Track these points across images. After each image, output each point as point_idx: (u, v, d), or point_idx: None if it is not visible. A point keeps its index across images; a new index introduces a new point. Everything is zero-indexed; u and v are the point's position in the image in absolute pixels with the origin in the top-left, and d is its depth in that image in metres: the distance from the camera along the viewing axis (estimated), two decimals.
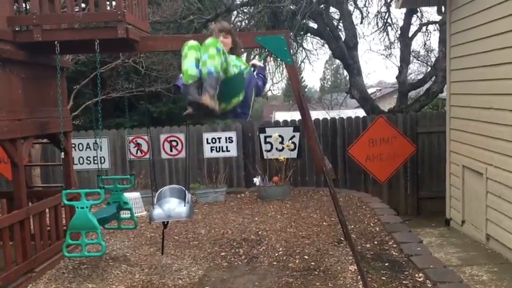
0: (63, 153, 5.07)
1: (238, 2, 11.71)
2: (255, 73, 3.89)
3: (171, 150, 9.24)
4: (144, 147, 9.13)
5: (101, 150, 8.61)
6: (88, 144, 9.10)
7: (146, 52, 7.27)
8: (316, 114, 13.98)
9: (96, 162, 8.97)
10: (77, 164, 8.75)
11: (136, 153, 9.20)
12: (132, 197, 7.00)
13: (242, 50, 4.05)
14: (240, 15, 12.24)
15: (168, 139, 9.23)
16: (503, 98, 5.81)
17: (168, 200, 5.05)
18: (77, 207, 4.19)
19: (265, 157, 8.94)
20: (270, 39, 4.42)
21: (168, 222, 5.09)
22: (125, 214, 5.29)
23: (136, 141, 9.19)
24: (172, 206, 4.94)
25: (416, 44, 35.99)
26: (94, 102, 9.22)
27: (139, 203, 7.37)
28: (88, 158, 9.11)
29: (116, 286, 4.48)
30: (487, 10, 6.13)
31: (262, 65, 3.99)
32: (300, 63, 13.51)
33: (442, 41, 10.07)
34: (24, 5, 5.11)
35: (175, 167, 9.41)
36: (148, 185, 8.58)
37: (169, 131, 9.34)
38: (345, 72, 13.42)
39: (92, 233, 4.38)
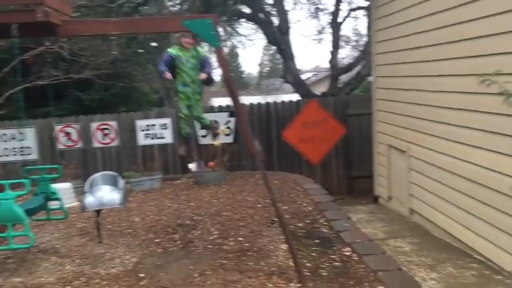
0: None
1: None
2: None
3: (104, 139, 9.01)
4: (74, 136, 8.85)
5: (26, 140, 8.29)
6: (13, 134, 8.68)
7: (69, 37, 7.00)
8: (254, 100, 14.11)
9: (22, 153, 8.59)
10: (1, 156, 8.34)
11: (66, 142, 8.90)
12: (63, 187, 6.79)
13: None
14: None
15: (100, 127, 8.99)
16: (422, 79, 6.15)
17: (100, 187, 4.97)
18: (1, 199, 4.03)
19: (200, 143, 8.94)
20: (198, 23, 4.40)
21: (100, 210, 5.02)
22: (54, 205, 5.14)
23: (65, 130, 8.88)
24: (105, 193, 4.87)
25: (347, 29, 36.99)
26: (18, 91, 8.79)
27: (70, 194, 7.16)
28: (14, 149, 8.70)
29: (45, 279, 4.36)
30: None
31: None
32: (235, 48, 13.55)
33: (370, 26, 10.44)
34: None
35: (109, 156, 9.21)
36: (79, 175, 8.37)
37: (101, 119, 9.10)
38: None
39: (18, 225, 4.23)
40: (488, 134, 4.78)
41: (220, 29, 4.75)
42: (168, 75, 5.82)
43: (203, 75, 5.72)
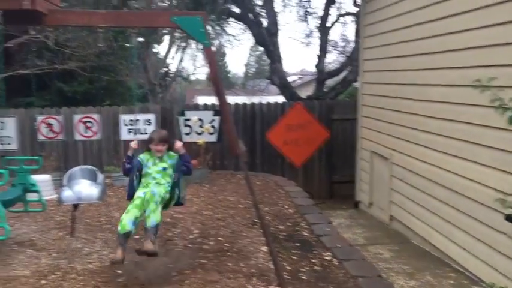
0: None
1: None
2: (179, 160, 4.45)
3: (86, 132, 8.88)
4: (56, 128, 8.69)
5: (6, 129, 8.12)
6: None
7: (56, 26, 6.88)
8: (238, 100, 14.09)
9: (2, 142, 8.41)
10: None
11: (48, 134, 8.74)
12: (42, 179, 6.66)
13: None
14: None
15: (83, 120, 8.85)
16: (408, 87, 6.21)
17: (78, 181, 4.88)
18: None
19: (184, 140, 8.86)
20: (187, 20, 4.35)
21: (78, 204, 4.93)
22: (32, 197, 5.05)
23: (47, 121, 8.71)
24: (83, 188, 4.78)
25: (335, 34, 37.19)
26: (0, 79, 8.62)
27: (49, 186, 7.03)
28: None
29: (19, 271, 4.26)
30: (396, 4, 6.49)
31: (185, 153, 4.49)
32: (222, 48, 13.51)
33: (358, 32, 10.52)
34: None
35: (90, 149, 9.08)
36: (60, 167, 8.23)
37: (84, 111, 8.97)
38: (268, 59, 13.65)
39: None
40: (469, 144, 4.84)
41: (208, 27, 4.71)
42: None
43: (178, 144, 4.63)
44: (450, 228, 5.21)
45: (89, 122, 8.87)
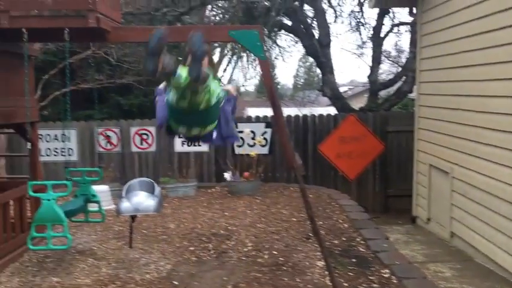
0: (29, 143, 4.94)
1: None
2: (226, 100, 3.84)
3: (142, 144, 9.13)
4: (114, 140, 9.00)
5: (69, 141, 8.48)
6: (56, 135, 8.90)
7: (118, 43, 7.15)
8: (288, 111, 14.06)
9: (64, 154, 8.79)
10: (44, 156, 8.55)
11: (106, 145, 9.06)
12: (100, 190, 6.88)
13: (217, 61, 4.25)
14: (215, 9, 12.18)
15: (139, 132, 9.12)
16: (468, 99, 5.97)
17: (136, 193, 5.00)
18: (43, 199, 4.09)
19: (236, 152, 8.94)
20: (244, 34, 4.40)
21: (136, 215, 5.05)
22: (92, 207, 5.21)
23: (105, 133, 9.04)
24: (141, 200, 4.89)
25: (388, 44, 36.58)
26: (63, 93, 9.03)
27: (107, 196, 7.25)
28: (56, 150, 8.92)
29: (81, 280, 4.41)
30: (456, 13, 6.28)
31: (234, 93, 3.94)
32: (273, 59, 13.56)
33: (413, 42, 10.26)
34: None
35: (146, 161, 9.31)
36: (117, 178, 8.49)
37: (140, 124, 9.24)
38: (318, 70, 13.54)
39: (57, 225, 4.29)
40: None
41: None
42: None
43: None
44: None
45: (144, 134, 9.13)
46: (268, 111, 9.44)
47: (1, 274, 4.51)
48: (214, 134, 3.75)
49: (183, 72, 3.28)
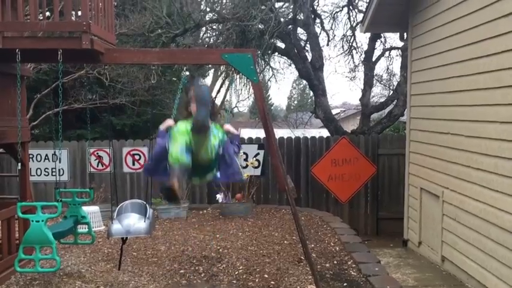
0: (19, 164, 4.91)
1: (207, 19, 11.74)
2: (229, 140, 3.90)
3: (134, 164, 9.09)
4: (106, 160, 8.94)
5: (60, 162, 8.41)
6: (47, 155, 8.83)
7: (111, 64, 7.18)
8: (281, 133, 14.10)
9: (54, 174, 8.71)
10: (34, 176, 8.47)
11: (97, 166, 9.00)
12: (91, 211, 6.84)
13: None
14: (209, 31, 12.28)
15: (131, 153, 9.08)
16: (458, 123, 6.02)
17: (128, 215, 4.96)
18: (32, 221, 4.05)
19: None
20: (237, 57, 4.45)
21: (127, 237, 5.00)
22: (82, 229, 5.16)
23: (97, 153, 8.99)
24: (132, 222, 4.85)
25: (380, 68, 37.00)
26: (55, 113, 9.00)
27: (97, 218, 7.19)
28: (46, 170, 8.84)
29: None
30: (445, 39, 6.38)
31: (236, 132, 4.01)
32: (267, 81, 13.64)
33: (404, 66, 10.39)
34: None
35: (137, 181, 9.26)
36: (108, 199, 8.41)
37: (132, 144, 9.21)
38: (312, 92, 13.63)
39: (46, 247, 4.24)
40: None
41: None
42: None
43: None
44: (508, 271, 4.92)
45: (136, 154, 9.10)
46: (261, 133, 9.49)
47: None
48: (219, 174, 3.85)
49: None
